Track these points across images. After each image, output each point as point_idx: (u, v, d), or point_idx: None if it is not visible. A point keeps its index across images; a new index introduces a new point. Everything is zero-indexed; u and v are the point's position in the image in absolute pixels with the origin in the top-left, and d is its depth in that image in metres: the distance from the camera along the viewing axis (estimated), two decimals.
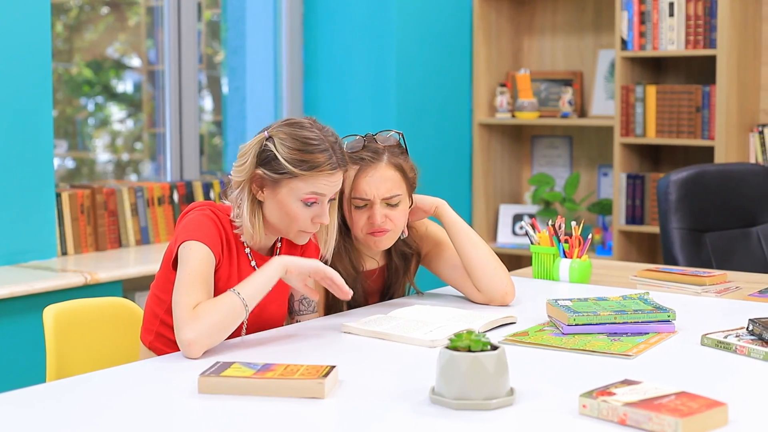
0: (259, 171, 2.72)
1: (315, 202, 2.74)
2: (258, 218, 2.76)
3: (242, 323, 2.68)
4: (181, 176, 5.30)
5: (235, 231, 2.78)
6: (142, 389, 2.35)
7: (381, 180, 3.01)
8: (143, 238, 4.86)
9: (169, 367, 2.51)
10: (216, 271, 2.71)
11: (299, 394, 2.22)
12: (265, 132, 2.74)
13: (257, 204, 2.76)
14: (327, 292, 3.11)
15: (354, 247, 3.12)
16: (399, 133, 3.11)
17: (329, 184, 2.75)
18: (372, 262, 3.20)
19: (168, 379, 2.41)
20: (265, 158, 2.72)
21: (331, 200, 2.79)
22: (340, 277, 2.74)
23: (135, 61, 6.24)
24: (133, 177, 6.11)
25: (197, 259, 2.65)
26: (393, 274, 3.24)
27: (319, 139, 2.72)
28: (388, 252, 3.20)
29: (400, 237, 3.14)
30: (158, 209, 4.92)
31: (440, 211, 3.21)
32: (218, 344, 2.61)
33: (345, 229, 3.07)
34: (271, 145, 2.71)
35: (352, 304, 3.12)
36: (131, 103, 6.28)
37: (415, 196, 3.14)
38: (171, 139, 5.30)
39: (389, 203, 3.03)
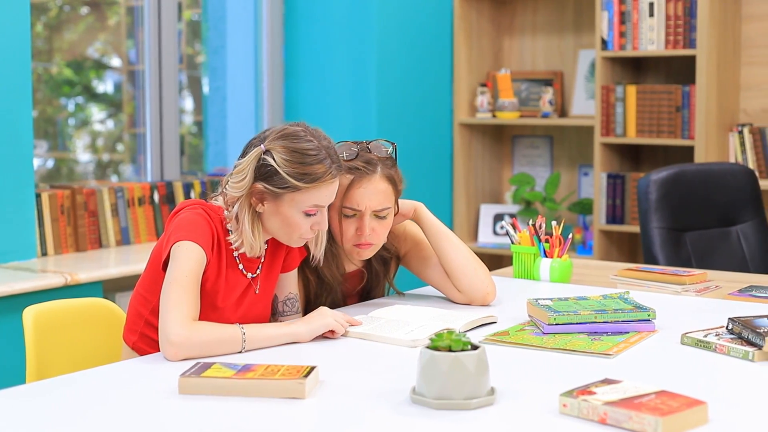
0: (259, 185, 2.71)
1: (315, 213, 2.76)
2: (258, 230, 2.77)
3: None
4: (161, 176, 5.29)
5: (230, 239, 2.77)
6: (122, 390, 2.34)
7: (374, 192, 3.01)
8: (124, 239, 4.84)
9: (149, 367, 2.51)
10: (204, 272, 2.71)
11: (280, 395, 2.22)
12: (261, 146, 2.72)
13: (257, 216, 2.76)
14: (307, 293, 3.11)
15: (336, 251, 3.12)
16: (393, 145, 3.10)
17: (330, 194, 2.76)
18: (352, 265, 3.20)
19: (148, 380, 2.40)
20: (265, 173, 2.70)
21: None
22: (345, 322, 2.79)
23: (115, 61, 6.23)
24: (114, 178, 6.09)
25: (190, 259, 2.65)
26: (373, 277, 3.25)
27: (316, 148, 2.72)
28: None
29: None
30: (139, 210, 4.91)
31: (418, 214, 3.21)
32: None
33: (328, 233, 3.06)
34: (270, 160, 2.69)
35: (332, 306, 3.12)
36: (111, 103, 6.27)
37: None
38: (151, 139, 5.28)
39: (378, 215, 3.03)
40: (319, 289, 3.13)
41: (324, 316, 2.74)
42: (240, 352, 2.59)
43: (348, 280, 3.20)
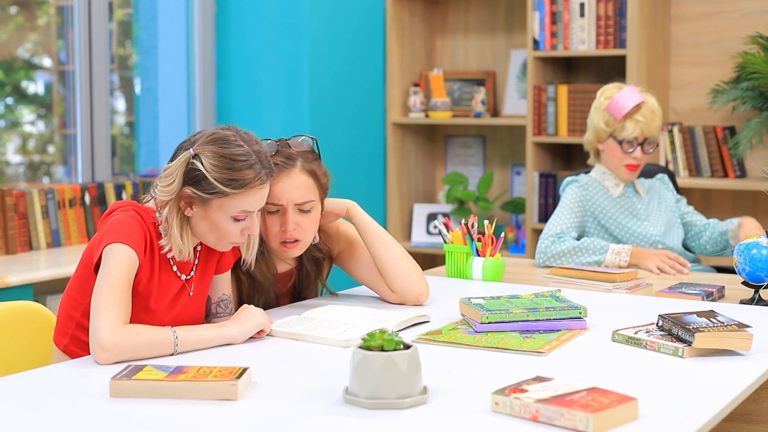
0: (188, 190, 2.69)
1: (244, 219, 2.74)
2: (187, 234, 2.75)
3: None
4: (92, 178, 5.24)
5: (161, 243, 2.75)
6: (53, 393, 2.32)
7: (294, 186, 3.00)
8: (54, 241, 4.80)
9: (80, 371, 2.48)
10: (137, 274, 2.69)
11: (212, 396, 2.21)
12: (191, 150, 2.70)
13: (186, 220, 2.75)
14: (240, 294, 3.10)
15: (267, 251, 3.11)
16: (313, 139, 3.10)
17: (259, 200, 2.75)
18: (284, 265, 3.20)
19: (79, 383, 2.38)
20: (193, 177, 2.68)
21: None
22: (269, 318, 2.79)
23: (46, 62, 6.17)
24: (45, 179, 6.04)
25: (121, 262, 2.62)
26: (305, 277, 3.24)
27: (246, 153, 2.70)
28: (300, 256, 3.19)
29: (312, 242, 3.13)
30: (69, 211, 4.87)
31: (351, 213, 3.21)
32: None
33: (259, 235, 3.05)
34: (198, 164, 2.67)
35: (265, 306, 3.12)
36: (42, 104, 6.21)
37: (326, 200, 3.14)
38: (82, 140, 5.24)
39: (302, 209, 3.02)
40: (252, 290, 3.12)
41: (255, 316, 2.74)
42: (172, 354, 2.57)
43: (280, 281, 3.19)
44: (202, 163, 2.67)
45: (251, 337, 2.73)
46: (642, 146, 4.08)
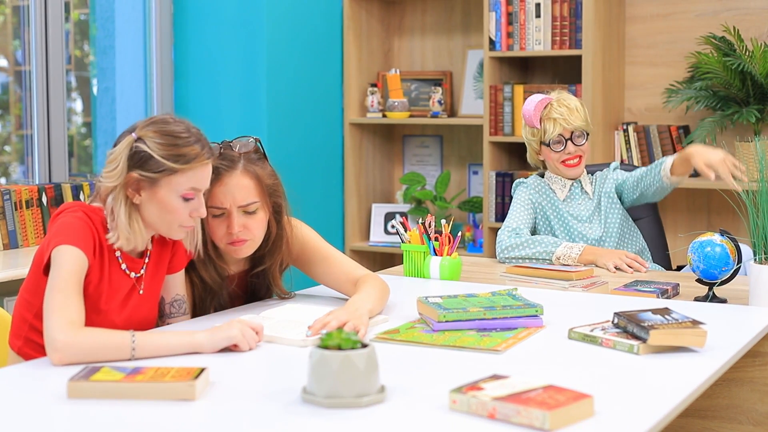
0: (135, 174, 2.69)
1: (193, 197, 2.74)
2: (136, 221, 2.74)
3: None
4: (49, 178, 5.22)
5: (108, 237, 2.74)
6: (9, 396, 2.31)
7: (236, 188, 3.00)
8: (11, 242, 4.77)
9: (37, 372, 2.47)
10: (87, 275, 2.68)
11: (170, 397, 2.21)
12: (132, 134, 2.71)
13: (134, 207, 2.74)
14: (193, 297, 3.09)
15: (218, 254, 3.10)
16: (256, 139, 3.10)
17: (205, 176, 2.75)
18: (237, 265, 3.19)
19: (36, 385, 2.38)
20: (139, 159, 2.69)
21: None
22: (253, 338, 2.67)
23: (2, 62, 6.13)
24: (2, 180, 6.00)
25: (70, 263, 2.62)
26: (258, 278, 3.23)
27: (187, 131, 2.73)
28: (252, 256, 3.19)
29: (272, 241, 3.13)
30: (27, 212, 4.84)
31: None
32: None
33: (206, 236, 3.04)
34: (142, 146, 2.68)
35: (217, 308, 3.11)
36: None
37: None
38: (39, 141, 5.21)
39: (246, 211, 3.02)
40: (204, 292, 3.11)
41: (230, 328, 2.64)
42: (129, 359, 2.53)
43: (234, 281, 3.18)
44: (146, 144, 2.69)
45: (227, 349, 2.64)
46: (571, 140, 4.10)
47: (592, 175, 4.26)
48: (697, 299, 3.34)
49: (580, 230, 4.11)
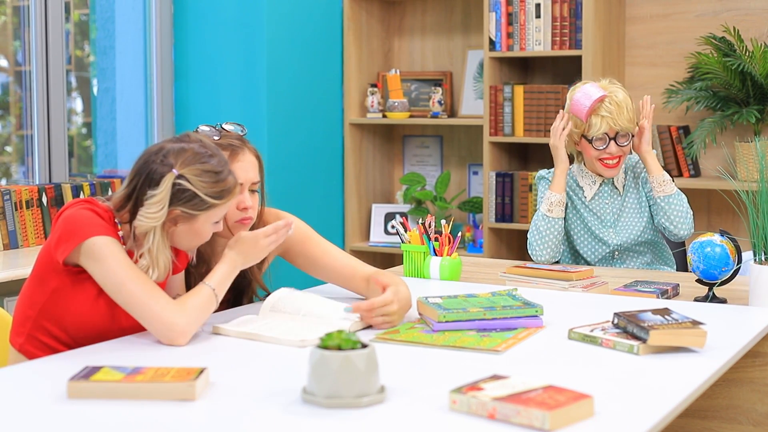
0: (177, 210, 2.71)
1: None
2: (170, 251, 2.78)
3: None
4: (49, 179, 5.22)
5: (139, 265, 2.74)
6: (9, 395, 2.31)
7: (250, 165, 3.04)
8: (12, 242, 4.77)
9: (37, 372, 2.48)
10: None
11: (170, 397, 2.22)
12: (173, 170, 2.69)
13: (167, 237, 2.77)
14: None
15: (201, 257, 3.09)
16: (241, 126, 3.11)
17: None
18: (216, 260, 3.13)
19: (36, 385, 2.38)
20: (183, 198, 2.71)
21: None
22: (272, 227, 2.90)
23: (2, 62, 6.13)
24: (3, 180, 6.00)
25: (117, 252, 2.67)
26: (239, 276, 3.18)
27: (220, 162, 2.76)
28: None
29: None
30: (27, 212, 4.84)
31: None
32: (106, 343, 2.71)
33: None
34: (186, 185, 2.69)
35: None
36: None
37: None
38: (39, 141, 5.21)
39: (252, 189, 3.05)
40: (188, 289, 3.08)
41: (256, 244, 2.89)
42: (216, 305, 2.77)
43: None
44: (189, 182, 2.70)
45: (228, 349, 2.71)
46: (615, 140, 3.92)
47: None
48: (697, 299, 3.35)
49: (601, 236, 3.99)
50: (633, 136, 3.97)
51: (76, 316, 2.69)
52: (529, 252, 3.96)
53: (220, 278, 2.80)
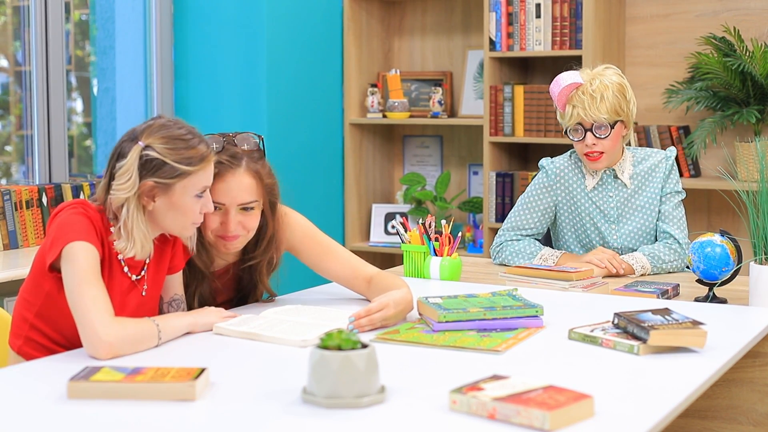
0: (149, 181, 2.70)
1: (203, 194, 2.78)
2: (149, 229, 2.76)
3: None
4: (49, 179, 5.22)
5: (118, 247, 2.74)
6: (9, 396, 2.31)
7: (238, 187, 2.98)
8: (12, 242, 4.77)
9: (37, 372, 2.48)
10: None
11: (170, 397, 2.22)
12: (139, 142, 2.71)
13: (147, 215, 2.75)
14: (191, 293, 3.09)
15: (203, 247, 3.06)
16: (260, 137, 3.08)
17: (212, 172, 2.80)
18: (221, 261, 3.15)
19: (36, 385, 2.38)
20: (151, 168, 2.70)
21: None
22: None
23: (2, 62, 6.13)
24: (3, 180, 6.00)
25: (87, 258, 2.63)
26: (245, 274, 3.20)
27: (189, 133, 2.76)
28: (240, 258, 3.16)
29: (263, 238, 3.10)
30: (27, 212, 4.84)
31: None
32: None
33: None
34: (153, 153, 2.69)
35: (200, 299, 3.09)
36: None
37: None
38: (39, 141, 5.21)
39: (244, 208, 3.01)
40: (189, 278, 3.08)
41: (209, 315, 2.87)
42: (156, 345, 2.65)
43: (217, 278, 3.16)
44: (156, 151, 2.69)
45: (227, 349, 2.70)
46: (591, 131, 3.76)
47: (641, 157, 3.94)
48: (697, 299, 3.35)
49: (603, 231, 3.88)
50: (612, 126, 3.78)
51: (70, 319, 2.69)
52: (493, 254, 3.97)
53: (170, 323, 2.74)
